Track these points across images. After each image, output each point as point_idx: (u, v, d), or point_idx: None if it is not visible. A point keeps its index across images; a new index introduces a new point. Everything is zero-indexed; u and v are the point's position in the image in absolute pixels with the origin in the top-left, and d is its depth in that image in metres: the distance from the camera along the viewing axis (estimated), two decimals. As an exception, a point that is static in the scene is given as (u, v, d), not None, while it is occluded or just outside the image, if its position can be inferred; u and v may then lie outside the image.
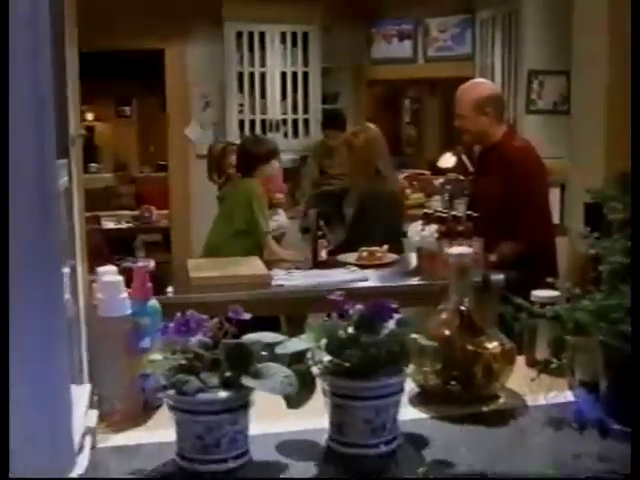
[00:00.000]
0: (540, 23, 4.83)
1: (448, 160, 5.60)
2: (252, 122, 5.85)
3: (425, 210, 3.78)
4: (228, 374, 1.11)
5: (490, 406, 1.36)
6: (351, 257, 3.65)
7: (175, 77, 5.99)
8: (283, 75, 5.90)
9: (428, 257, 3.29)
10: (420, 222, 3.50)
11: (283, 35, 5.86)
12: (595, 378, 1.34)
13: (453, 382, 1.34)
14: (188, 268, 3.31)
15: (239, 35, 5.77)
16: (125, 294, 1.31)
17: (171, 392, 1.10)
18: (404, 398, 1.26)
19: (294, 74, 5.91)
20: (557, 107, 4.79)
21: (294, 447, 1.20)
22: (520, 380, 1.43)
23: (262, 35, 5.81)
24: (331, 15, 5.84)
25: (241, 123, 5.81)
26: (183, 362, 1.14)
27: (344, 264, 3.55)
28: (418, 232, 3.42)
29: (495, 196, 3.00)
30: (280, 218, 4.60)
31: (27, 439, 0.90)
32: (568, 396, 1.39)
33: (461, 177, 5.26)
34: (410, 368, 1.23)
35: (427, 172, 6.24)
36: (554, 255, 3.12)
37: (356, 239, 3.82)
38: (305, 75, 5.92)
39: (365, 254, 3.64)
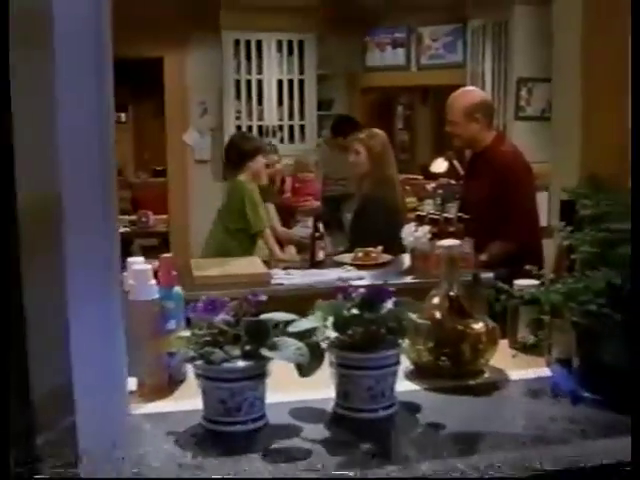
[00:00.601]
0: (528, 32, 5.04)
1: (440, 165, 5.78)
2: (249, 128, 6.03)
3: (418, 212, 3.97)
4: (248, 347, 1.30)
5: (476, 380, 1.54)
6: (347, 257, 3.83)
7: (174, 84, 6.18)
8: (279, 82, 6.10)
9: (421, 257, 3.47)
10: (413, 224, 3.69)
11: (279, 43, 6.06)
12: (569, 355, 1.53)
13: (443, 358, 1.53)
14: (192, 267, 3.49)
15: (237, 43, 5.96)
16: (153, 281, 1.49)
17: (199, 362, 1.28)
18: (400, 373, 1.44)
19: (290, 81, 6.11)
20: (544, 113, 5.00)
21: (305, 413, 1.38)
22: (504, 359, 1.62)
23: (259, 43, 6.01)
24: (326, 24, 6.04)
25: (238, 129, 5.99)
26: (208, 338, 1.32)
27: (341, 264, 3.73)
28: (411, 233, 3.60)
29: (484, 198, 3.18)
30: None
31: (90, 403, 1.08)
32: (545, 371, 1.58)
33: (452, 181, 5.46)
34: (406, 346, 1.42)
35: (420, 177, 6.42)
36: (541, 254, 3.31)
37: (357, 240, 3.99)
38: (301, 82, 6.12)
39: (361, 254, 3.81)
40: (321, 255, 3.89)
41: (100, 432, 1.07)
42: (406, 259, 3.75)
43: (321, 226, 3.97)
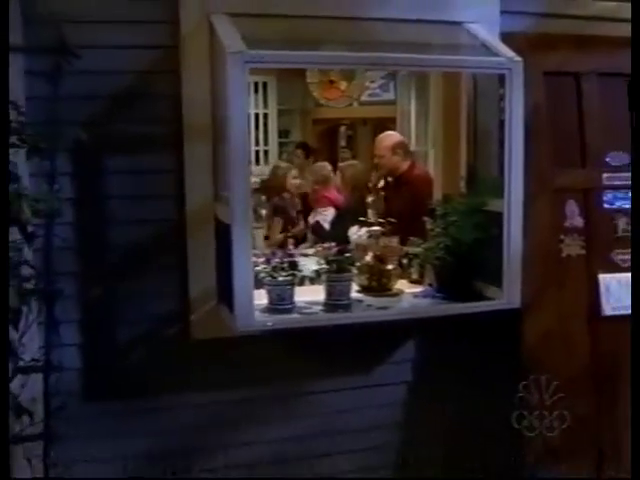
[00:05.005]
0: (442, 82, 6.97)
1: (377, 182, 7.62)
2: (223, 152, 7.83)
3: (360, 218, 5.84)
4: (289, 271, 3.14)
5: (389, 293, 3.42)
6: (310, 250, 5.69)
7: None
8: (247, 116, 7.92)
9: (362, 249, 5.33)
10: (357, 226, 5.56)
11: (247, 84, 7.88)
12: (432, 281, 3.42)
13: (374, 283, 3.40)
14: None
15: (213, 84, 7.77)
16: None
17: (268, 278, 3.12)
18: (353, 290, 3.30)
19: (256, 115, 7.95)
20: (453, 145, 6.94)
21: (312, 301, 3.22)
22: (404, 285, 3.51)
23: (231, 84, 7.83)
24: (285, 69, 7.88)
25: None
26: (268, 269, 3.17)
27: (306, 255, 5.58)
28: (355, 232, 5.49)
29: (402, 208, 5.02)
30: None
31: (241, 295, 2.89)
32: (421, 289, 3.46)
33: (387, 195, 7.28)
34: (355, 274, 3.29)
35: (361, 192, 8.25)
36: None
37: None
38: (265, 115, 7.97)
39: (320, 248, 5.67)
40: (291, 248, 5.76)
41: (246, 301, 2.89)
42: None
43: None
